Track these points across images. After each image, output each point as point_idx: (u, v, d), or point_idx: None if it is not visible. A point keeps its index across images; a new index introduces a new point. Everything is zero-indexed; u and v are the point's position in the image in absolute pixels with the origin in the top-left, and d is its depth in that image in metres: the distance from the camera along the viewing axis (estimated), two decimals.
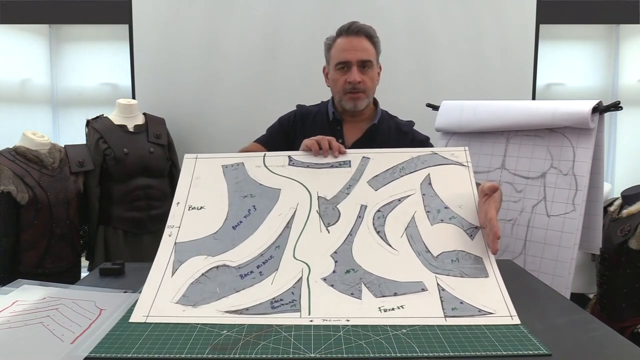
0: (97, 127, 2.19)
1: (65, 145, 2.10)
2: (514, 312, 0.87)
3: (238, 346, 0.78)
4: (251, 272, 0.96)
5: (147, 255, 1.04)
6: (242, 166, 1.18)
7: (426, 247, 1.01)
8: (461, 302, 0.89)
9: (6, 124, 2.48)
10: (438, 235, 1.03)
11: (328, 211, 1.08)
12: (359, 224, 1.05)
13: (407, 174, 1.15)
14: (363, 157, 1.19)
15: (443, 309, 0.88)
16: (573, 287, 1.54)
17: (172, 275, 0.97)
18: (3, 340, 0.81)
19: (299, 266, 0.97)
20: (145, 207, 2.20)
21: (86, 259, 2.21)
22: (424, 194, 1.11)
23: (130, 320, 0.87)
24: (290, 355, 0.76)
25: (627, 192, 1.96)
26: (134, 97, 2.51)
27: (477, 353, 0.76)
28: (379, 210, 1.08)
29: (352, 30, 1.39)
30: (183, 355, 0.75)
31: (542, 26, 2.47)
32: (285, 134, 1.47)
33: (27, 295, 1.01)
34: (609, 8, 2.60)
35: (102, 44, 2.74)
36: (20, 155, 1.90)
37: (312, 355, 0.76)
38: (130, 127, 2.25)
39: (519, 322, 0.85)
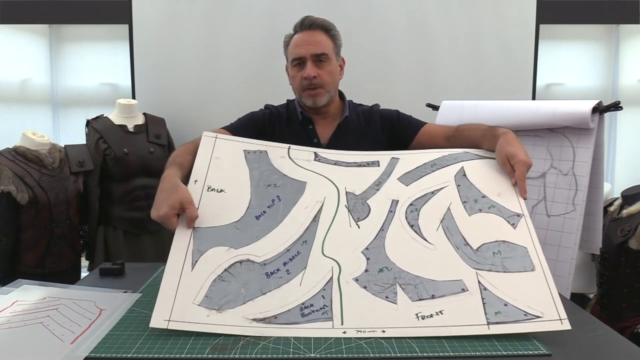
0: (97, 127, 2.19)
1: (65, 145, 2.10)
2: (563, 314, 0.79)
3: (238, 346, 0.78)
4: (277, 270, 0.89)
5: (147, 255, 1.03)
6: (265, 154, 1.12)
7: (465, 240, 0.93)
8: (505, 304, 0.82)
9: (6, 124, 2.48)
10: (477, 226, 0.95)
11: (357, 206, 1.01)
12: (390, 219, 0.98)
13: (439, 169, 1.09)
14: (392, 157, 1.14)
15: (486, 313, 0.80)
16: (573, 287, 1.54)
17: (192, 268, 0.89)
18: (3, 340, 0.81)
19: (328, 264, 0.90)
20: (145, 207, 2.19)
21: (86, 259, 2.21)
22: (458, 185, 1.04)
23: (150, 325, 0.81)
24: (290, 355, 0.76)
25: (627, 192, 1.96)
26: (134, 97, 2.50)
27: (477, 353, 0.76)
28: (411, 204, 1.00)
29: (305, 25, 1.34)
30: (183, 355, 0.76)
31: (542, 26, 2.46)
32: (257, 130, 1.38)
33: (27, 295, 1.01)
34: (609, 8, 2.60)
35: (102, 44, 2.73)
36: (20, 155, 1.90)
37: (312, 355, 0.76)
38: (130, 127, 2.25)
39: (569, 327, 0.76)
